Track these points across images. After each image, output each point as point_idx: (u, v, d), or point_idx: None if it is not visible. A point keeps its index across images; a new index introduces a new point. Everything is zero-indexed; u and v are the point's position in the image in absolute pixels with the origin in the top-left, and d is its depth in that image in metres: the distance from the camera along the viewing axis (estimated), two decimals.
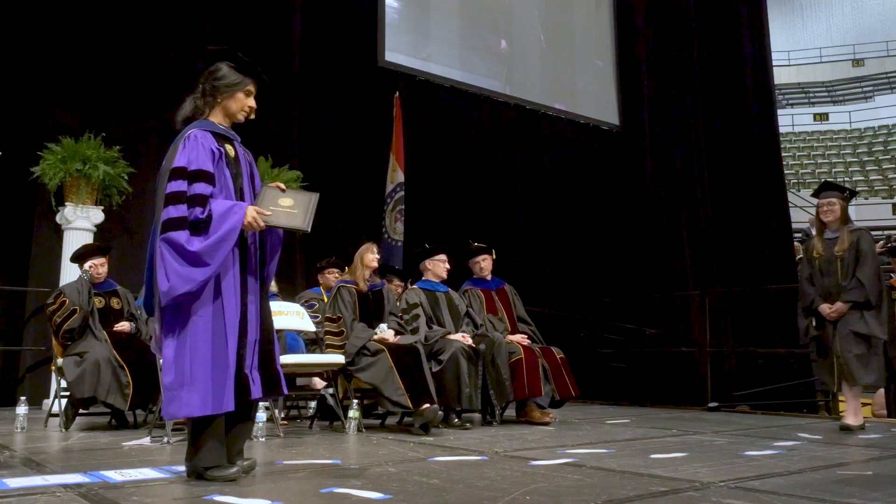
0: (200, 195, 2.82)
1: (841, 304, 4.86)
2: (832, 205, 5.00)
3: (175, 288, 2.72)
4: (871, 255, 4.86)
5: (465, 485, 2.76)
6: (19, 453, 3.62)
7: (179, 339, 2.78)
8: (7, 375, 6.61)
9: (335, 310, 5.09)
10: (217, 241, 2.78)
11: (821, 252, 5.02)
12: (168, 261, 2.74)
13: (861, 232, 5.00)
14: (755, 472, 3.11)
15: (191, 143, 2.88)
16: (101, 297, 5.18)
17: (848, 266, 4.88)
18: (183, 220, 2.78)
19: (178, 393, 2.73)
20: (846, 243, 4.91)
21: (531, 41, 10.82)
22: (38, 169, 6.24)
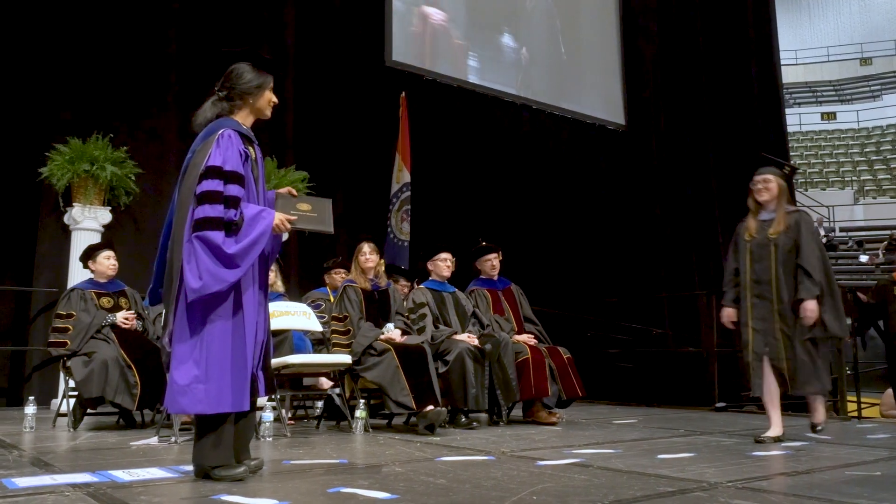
0: (235, 197, 2.85)
1: (810, 303, 4.16)
2: (767, 182, 4.42)
3: (207, 287, 2.74)
4: (812, 239, 4.29)
5: (472, 485, 2.76)
6: (28, 453, 3.63)
7: (198, 335, 2.79)
8: (15, 375, 6.65)
9: (341, 309, 5.09)
10: (250, 244, 2.82)
11: (753, 235, 4.43)
12: (202, 259, 2.76)
13: (800, 214, 4.42)
14: (763, 472, 3.10)
15: (224, 142, 2.89)
16: (109, 297, 5.20)
17: (782, 251, 4.29)
18: (219, 221, 2.80)
19: (192, 388, 2.75)
20: (782, 225, 4.34)
21: (537, 41, 10.81)
22: (45, 170, 6.26)
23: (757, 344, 4.33)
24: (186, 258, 2.78)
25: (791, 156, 14.60)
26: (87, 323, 4.97)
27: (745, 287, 4.42)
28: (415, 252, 7.74)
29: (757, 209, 4.48)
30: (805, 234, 4.29)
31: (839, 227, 19.26)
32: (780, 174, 4.46)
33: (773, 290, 4.30)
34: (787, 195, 4.48)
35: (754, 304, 4.37)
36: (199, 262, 2.76)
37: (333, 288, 6.19)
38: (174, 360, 2.80)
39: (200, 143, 2.94)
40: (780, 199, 4.42)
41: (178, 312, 2.82)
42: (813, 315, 4.16)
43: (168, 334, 2.84)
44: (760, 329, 4.32)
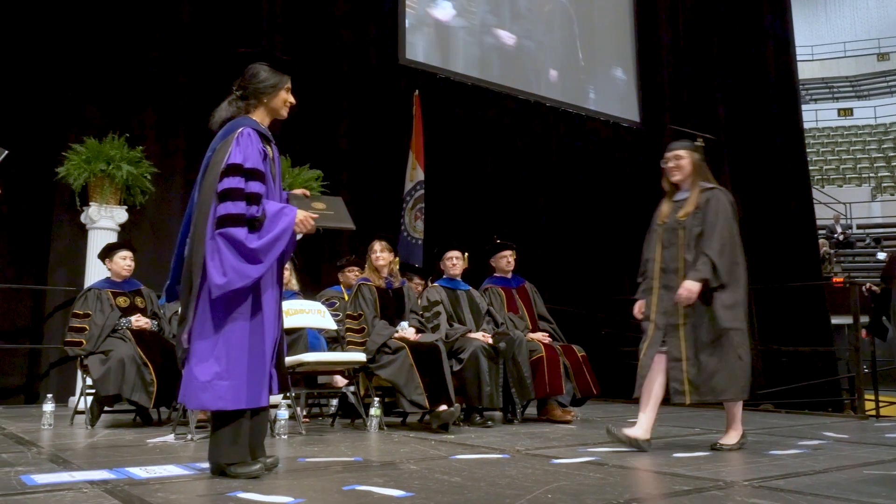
0: (257, 194, 2.88)
1: (690, 283, 3.70)
2: (679, 159, 3.97)
3: (232, 282, 2.77)
4: (720, 220, 3.79)
5: (486, 483, 2.76)
6: (46, 450, 3.67)
7: (219, 332, 2.81)
8: (31, 373, 6.71)
9: (356, 307, 5.11)
10: (273, 239, 2.84)
11: (665, 219, 3.97)
12: (226, 255, 2.79)
13: (714, 191, 3.90)
14: (780, 471, 3.08)
15: (244, 140, 2.91)
16: (125, 296, 5.23)
17: (691, 235, 3.83)
18: (241, 217, 2.83)
19: (214, 384, 2.77)
20: (692, 206, 3.87)
21: (551, 38, 10.78)
22: (62, 169, 6.31)
23: (654, 341, 3.87)
24: (210, 255, 2.80)
25: (808, 152, 14.45)
26: (103, 323, 5.01)
27: (653, 277, 3.96)
28: (429, 250, 7.74)
29: (672, 190, 4.04)
30: (712, 214, 3.80)
31: (856, 225, 19.10)
32: (693, 148, 4.01)
33: (679, 279, 3.81)
34: (704, 172, 3.99)
35: (660, 295, 3.90)
36: (223, 258, 2.79)
37: (347, 286, 6.21)
38: (194, 356, 2.82)
39: (220, 141, 2.96)
40: (694, 176, 3.95)
41: (199, 309, 2.84)
42: (687, 295, 3.68)
43: (187, 331, 2.85)
44: (663, 325, 3.85)
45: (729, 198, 3.89)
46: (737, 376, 3.73)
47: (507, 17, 10.35)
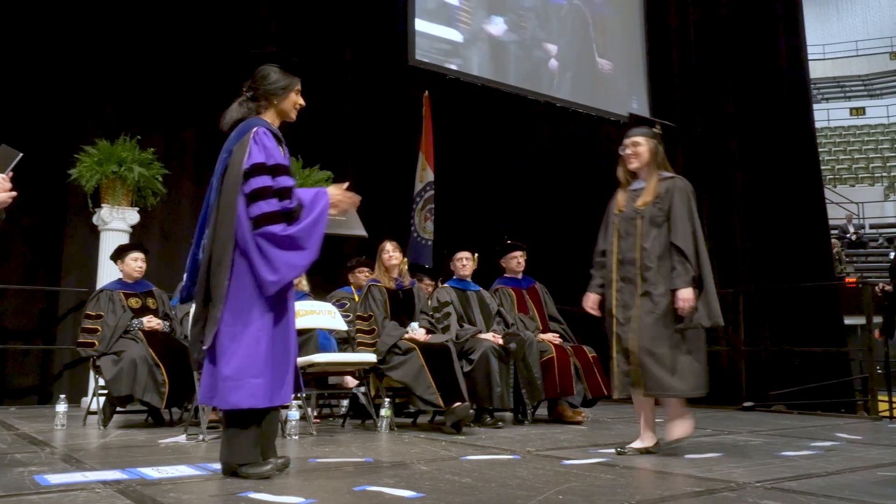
0: (287, 187, 2.92)
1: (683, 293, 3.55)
2: (637, 146, 3.78)
3: (285, 276, 2.83)
4: (685, 210, 3.65)
5: (497, 483, 2.76)
6: (59, 450, 3.69)
7: (248, 330, 2.83)
8: (44, 374, 6.76)
9: (366, 308, 5.11)
10: (311, 223, 2.90)
11: (622, 208, 3.81)
12: (272, 252, 2.83)
13: (675, 180, 3.73)
14: (792, 472, 3.06)
15: (261, 139, 2.94)
16: (137, 297, 5.26)
17: (649, 225, 3.67)
18: (277, 214, 2.86)
19: (247, 382, 2.79)
20: (650, 195, 3.70)
21: (561, 38, 10.76)
22: (74, 171, 6.35)
23: (621, 337, 3.73)
24: (256, 256, 2.83)
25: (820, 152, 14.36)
26: (115, 324, 5.04)
27: (611, 269, 3.81)
28: (438, 251, 7.74)
29: (629, 179, 3.87)
30: (677, 205, 3.64)
31: (869, 224, 18.97)
32: (652, 135, 3.82)
33: (637, 270, 3.68)
34: (662, 160, 3.82)
35: (619, 288, 3.76)
36: (270, 255, 2.83)
37: (357, 287, 6.22)
38: (223, 356, 2.82)
39: (235, 142, 2.96)
40: (651, 164, 3.78)
41: (227, 310, 2.84)
42: (688, 305, 3.55)
43: (213, 332, 2.84)
44: (623, 319, 3.71)
45: (689, 187, 3.75)
46: (689, 373, 3.59)
47: (518, 18, 10.34)
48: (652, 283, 3.62)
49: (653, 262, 3.63)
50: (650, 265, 3.63)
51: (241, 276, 2.86)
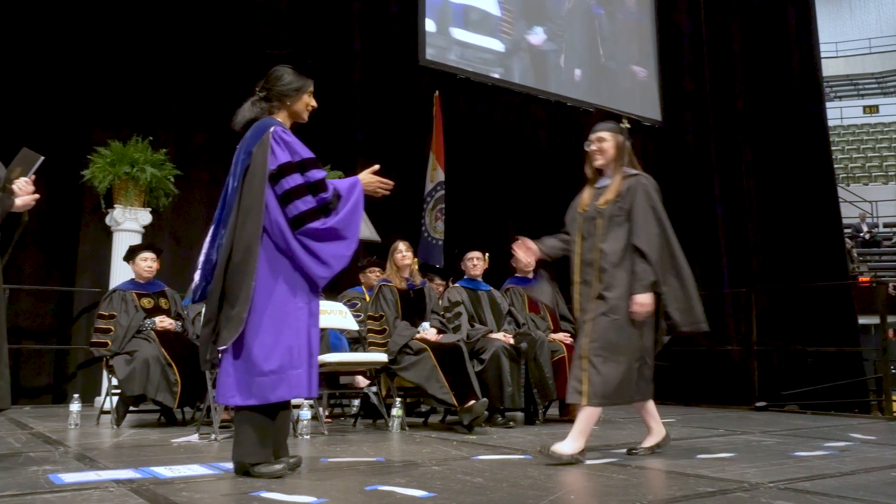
0: (320, 180, 2.96)
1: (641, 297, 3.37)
2: (602, 141, 3.61)
3: (334, 268, 2.92)
4: (647, 208, 3.47)
5: (509, 483, 2.75)
6: (73, 449, 3.71)
7: (282, 324, 2.87)
8: (59, 373, 6.81)
9: (377, 308, 5.12)
10: (349, 212, 2.97)
11: (586, 207, 3.63)
12: (317, 247, 2.89)
13: (638, 178, 3.55)
14: (806, 473, 3.05)
15: (281, 137, 2.96)
16: (149, 297, 5.29)
17: (610, 224, 3.50)
18: (315, 210, 2.91)
19: (285, 375, 2.83)
20: (612, 193, 3.53)
21: (571, 37, 10.74)
22: (87, 172, 6.39)
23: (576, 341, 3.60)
24: (301, 254, 2.88)
25: (833, 150, 14.26)
26: (127, 324, 5.07)
27: (573, 271, 3.65)
28: (449, 251, 7.74)
29: (595, 176, 3.70)
30: (639, 204, 3.46)
31: (882, 223, 18.83)
32: (618, 130, 3.66)
33: (595, 272, 3.50)
34: (628, 156, 3.65)
35: (580, 291, 3.58)
36: (317, 251, 2.89)
37: (368, 287, 6.23)
38: (256, 352, 2.84)
39: (254, 143, 2.96)
40: (617, 161, 3.61)
41: (254, 308, 2.85)
42: (643, 311, 3.36)
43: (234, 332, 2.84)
44: (581, 321, 3.54)
45: (653, 184, 3.58)
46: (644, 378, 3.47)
47: (529, 17, 10.33)
48: (607, 286, 3.43)
49: (609, 263, 3.45)
50: (606, 267, 3.45)
51: (274, 273, 2.90)
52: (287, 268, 2.92)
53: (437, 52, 9.25)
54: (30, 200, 3.21)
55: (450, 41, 9.44)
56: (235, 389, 2.87)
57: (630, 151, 3.66)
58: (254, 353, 2.84)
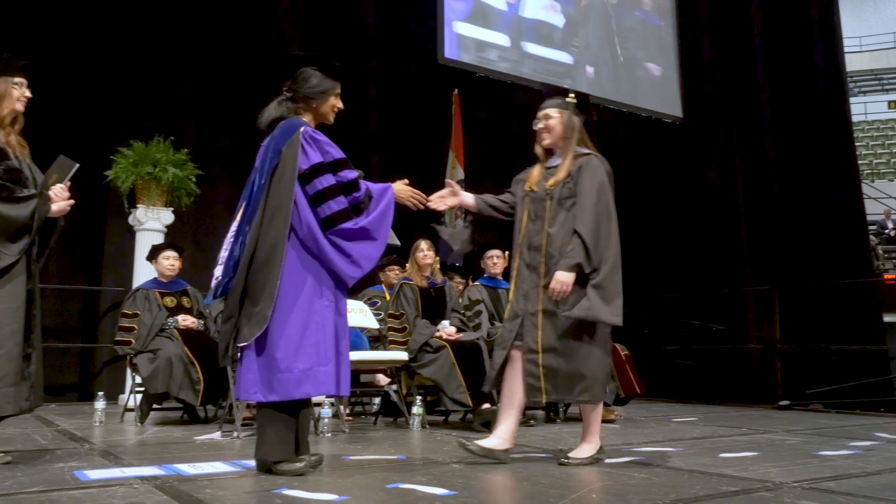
0: (352, 180, 3.00)
1: (563, 274, 3.15)
2: (548, 119, 3.41)
3: (365, 268, 2.95)
4: (592, 189, 3.26)
5: (530, 482, 2.75)
6: (98, 446, 3.76)
7: (308, 321, 2.89)
8: (84, 371, 6.89)
9: (398, 307, 5.13)
10: (380, 215, 3.00)
11: (534, 186, 3.41)
12: (348, 247, 2.93)
13: (588, 158, 3.34)
14: (831, 472, 3.01)
15: (312, 136, 2.99)
16: (172, 296, 5.34)
17: (558, 208, 3.29)
18: (347, 211, 2.94)
19: (313, 371, 2.85)
20: (563, 173, 3.32)
21: (591, 34, 10.69)
22: (111, 172, 6.46)
23: (508, 328, 3.34)
24: (332, 254, 2.91)
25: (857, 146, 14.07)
26: (151, 323, 5.13)
27: (516, 253, 3.44)
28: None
29: (545, 156, 3.49)
30: (585, 186, 3.25)
31: None
32: (565, 106, 3.42)
33: (543, 257, 3.29)
34: (579, 134, 3.43)
35: (521, 274, 3.37)
36: (349, 250, 2.93)
37: (388, 285, 6.24)
38: (286, 348, 2.84)
39: (283, 142, 2.97)
40: (567, 139, 3.39)
41: (279, 306, 2.86)
42: (561, 289, 3.15)
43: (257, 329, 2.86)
44: (521, 310, 3.30)
45: (605, 166, 3.39)
46: (598, 376, 3.22)
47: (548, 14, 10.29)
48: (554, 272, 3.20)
49: (557, 250, 3.24)
50: (554, 253, 3.25)
51: (301, 271, 2.92)
52: (314, 267, 2.94)
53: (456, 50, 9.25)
54: (65, 206, 3.27)
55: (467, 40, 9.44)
56: (257, 386, 2.88)
57: (581, 129, 3.44)
58: (278, 350, 2.85)
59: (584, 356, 3.18)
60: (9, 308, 3.05)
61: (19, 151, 3.24)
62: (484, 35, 9.53)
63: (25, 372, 3.09)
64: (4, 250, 3.06)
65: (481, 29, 9.55)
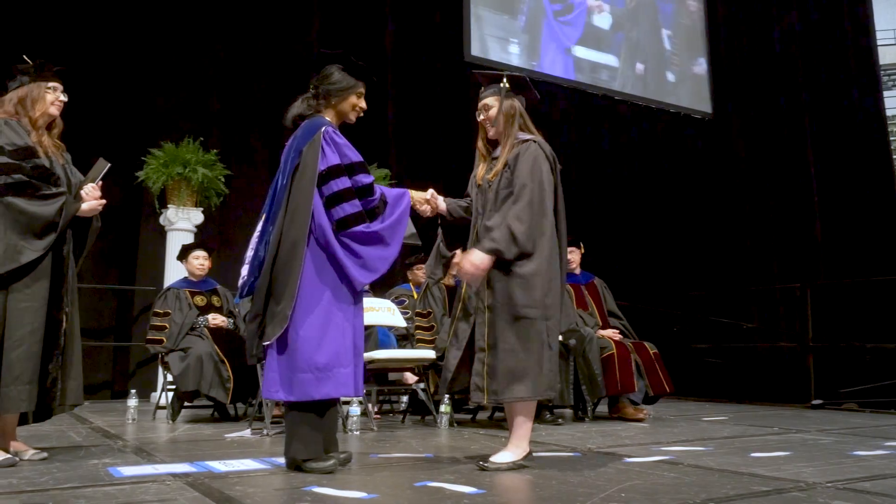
0: (368, 185, 3.00)
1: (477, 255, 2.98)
2: (489, 109, 3.27)
3: (374, 273, 2.94)
4: (527, 174, 3.06)
5: (558, 481, 2.74)
6: (131, 443, 3.82)
7: (327, 322, 2.90)
8: (118, 370, 7.00)
9: (425, 305, 5.14)
10: (395, 222, 3.01)
11: (479, 180, 3.29)
12: (360, 250, 2.93)
13: (527, 144, 3.16)
14: (865, 472, 2.96)
15: (332, 139, 3.00)
16: (202, 295, 5.40)
17: (494, 201, 3.15)
18: (360, 214, 2.95)
19: (334, 372, 2.86)
20: (501, 164, 3.17)
21: (618, 30, 10.62)
22: (142, 173, 6.55)
23: (463, 327, 3.19)
24: (343, 256, 2.91)
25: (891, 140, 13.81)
26: (182, 322, 5.19)
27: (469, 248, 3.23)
28: None
29: (488, 147, 3.34)
30: (520, 170, 3.07)
31: None
32: (503, 92, 3.24)
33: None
34: (520, 120, 3.25)
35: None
36: (361, 253, 2.93)
37: (416, 284, 6.25)
38: (304, 348, 2.86)
39: (304, 142, 2.99)
40: (509, 128, 3.22)
41: (299, 306, 2.88)
42: (471, 270, 2.99)
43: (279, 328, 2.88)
44: (472, 308, 3.16)
45: (546, 150, 3.18)
46: (534, 372, 2.98)
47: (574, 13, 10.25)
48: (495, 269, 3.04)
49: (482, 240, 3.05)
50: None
51: (320, 272, 2.93)
52: (333, 267, 2.95)
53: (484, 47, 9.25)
54: (96, 205, 3.31)
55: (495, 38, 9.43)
56: (279, 385, 2.91)
57: (522, 113, 3.27)
58: (298, 350, 2.87)
59: (519, 351, 2.98)
60: (30, 307, 3.08)
61: (52, 152, 3.29)
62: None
63: (48, 371, 3.10)
64: (29, 246, 3.09)
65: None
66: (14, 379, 3.00)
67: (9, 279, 3.06)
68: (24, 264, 3.08)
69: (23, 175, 3.13)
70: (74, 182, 3.33)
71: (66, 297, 3.24)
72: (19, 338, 3.03)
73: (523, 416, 3.10)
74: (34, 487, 2.56)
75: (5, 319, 3.04)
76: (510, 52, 9.57)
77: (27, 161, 3.16)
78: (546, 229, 3.06)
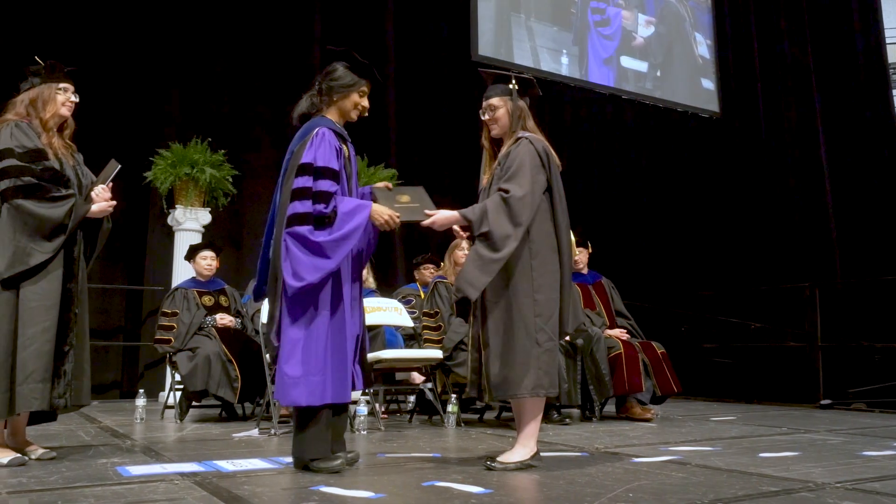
0: (325, 192, 2.92)
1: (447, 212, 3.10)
2: (494, 110, 3.27)
3: (302, 279, 2.82)
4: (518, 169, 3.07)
5: (565, 480, 2.74)
6: (139, 442, 3.83)
7: (303, 329, 2.88)
8: (126, 369, 7.02)
9: (433, 305, 5.14)
10: (341, 237, 2.88)
11: (483, 181, 3.35)
12: (293, 253, 2.86)
13: (520, 141, 3.17)
14: (874, 473, 2.95)
15: (317, 140, 2.97)
16: (210, 295, 5.42)
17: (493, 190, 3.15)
18: (307, 216, 2.89)
19: (304, 380, 2.84)
20: (496, 163, 3.24)
21: (625, 29, 10.60)
22: (150, 174, 6.58)
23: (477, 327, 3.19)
24: (283, 255, 2.88)
25: None
26: (189, 322, 5.21)
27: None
28: None
29: (495, 149, 3.35)
30: (512, 164, 3.09)
31: None
32: (509, 93, 3.25)
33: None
34: (525, 120, 3.27)
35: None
36: (291, 256, 2.86)
37: (423, 284, 6.25)
38: (282, 354, 2.89)
39: (298, 143, 3.02)
40: (513, 127, 3.23)
41: (282, 308, 2.90)
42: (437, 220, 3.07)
43: (275, 330, 2.92)
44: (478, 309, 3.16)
45: (537, 146, 3.17)
46: (523, 368, 2.95)
47: (580, 12, 10.23)
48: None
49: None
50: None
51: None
52: None
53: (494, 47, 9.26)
54: (106, 207, 3.32)
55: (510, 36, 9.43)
56: (277, 387, 2.94)
57: (525, 113, 3.27)
58: (280, 354, 2.90)
59: (506, 348, 2.99)
60: (42, 306, 3.09)
61: (63, 153, 3.30)
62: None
63: (60, 370, 3.12)
64: (38, 248, 3.11)
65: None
66: (27, 377, 3.01)
67: (19, 280, 3.08)
68: (34, 266, 3.09)
69: (32, 177, 3.14)
70: (85, 183, 3.34)
71: (76, 298, 3.25)
72: (31, 336, 3.05)
73: (530, 416, 3.08)
74: (43, 486, 2.58)
75: (17, 319, 3.05)
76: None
77: (37, 163, 3.18)
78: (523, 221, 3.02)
